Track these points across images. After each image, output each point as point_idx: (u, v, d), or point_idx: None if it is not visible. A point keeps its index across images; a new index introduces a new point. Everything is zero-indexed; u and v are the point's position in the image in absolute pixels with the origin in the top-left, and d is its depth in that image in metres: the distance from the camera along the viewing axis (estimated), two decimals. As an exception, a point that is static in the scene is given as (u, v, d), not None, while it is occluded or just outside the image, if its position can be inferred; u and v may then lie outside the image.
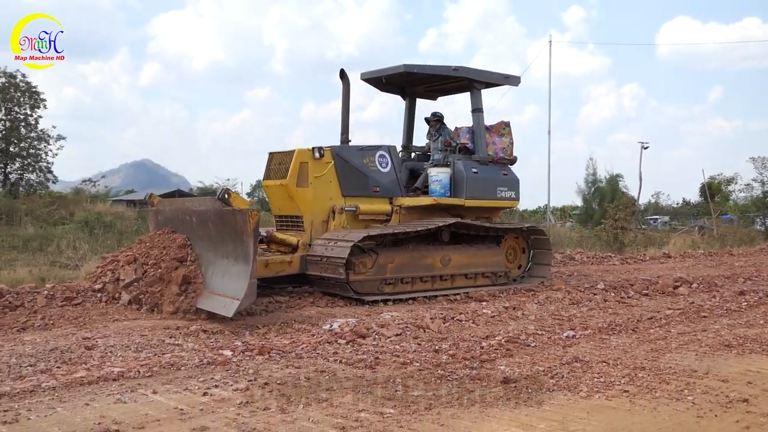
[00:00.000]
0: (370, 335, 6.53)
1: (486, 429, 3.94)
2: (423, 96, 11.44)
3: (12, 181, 37.65)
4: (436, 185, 9.44)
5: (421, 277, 8.96)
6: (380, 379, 5.03)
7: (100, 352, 5.76)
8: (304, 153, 8.67)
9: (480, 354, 5.86)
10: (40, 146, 38.65)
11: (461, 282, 9.46)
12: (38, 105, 38.57)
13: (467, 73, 9.91)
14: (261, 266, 7.92)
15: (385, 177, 9.42)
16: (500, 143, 10.23)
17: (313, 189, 8.72)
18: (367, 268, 8.37)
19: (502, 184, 10.09)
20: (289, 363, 5.53)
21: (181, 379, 4.98)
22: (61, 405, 4.33)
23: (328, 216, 8.89)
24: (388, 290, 8.62)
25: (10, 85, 37.82)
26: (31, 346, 5.85)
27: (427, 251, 9.09)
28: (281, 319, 7.28)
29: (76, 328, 6.68)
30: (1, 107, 38.16)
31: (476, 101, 10.02)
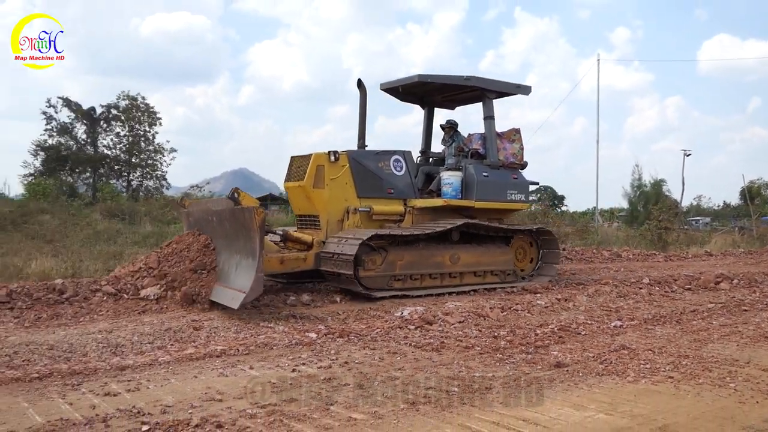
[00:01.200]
0: (436, 322, 6.49)
1: (541, 408, 3.86)
2: (441, 105, 10.94)
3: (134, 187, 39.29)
4: (447, 188, 9.06)
5: (431, 274, 8.52)
6: (445, 361, 4.99)
7: (206, 332, 5.93)
8: (320, 156, 8.33)
9: (535, 340, 5.75)
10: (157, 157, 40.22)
11: (470, 279, 8.91)
12: (155, 122, 40.12)
13: (479, 82, 9.43)
14: (277, 263, 7.76)
15: (399, 180, 9.00)
16: (511, 149, 9.73)
17: (329, 190, 8.37)
18: (377, 265, 7.98)
19: (513, 188, 9.59)
20: (366, 345, 5.55)
21: (273, 357, 5.08)
22: (174, 377, 4.47)
23: (343, 216, 8.51)
24: (397, 286, 8.17)
25: (132, 107, 39.45)
26: (149, 327, 6.07)
27: (436, 249, 8.63)
28: (357, 307, 7.32)
29: (186, 311, 6.89)
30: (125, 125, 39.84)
31: (488, 109, 9.50)
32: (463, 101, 10.77)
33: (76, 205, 24.64)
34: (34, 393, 4.03)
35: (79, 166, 38.42)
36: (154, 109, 40.02)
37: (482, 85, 9.43)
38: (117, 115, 39.59)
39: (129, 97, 39.40)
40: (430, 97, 10.55)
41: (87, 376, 4.44)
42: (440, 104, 10.86)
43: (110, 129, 40.03)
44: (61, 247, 13.26)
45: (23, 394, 4.01)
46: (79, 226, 17.59)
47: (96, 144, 39.47)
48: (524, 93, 10.08)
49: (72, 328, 6.05)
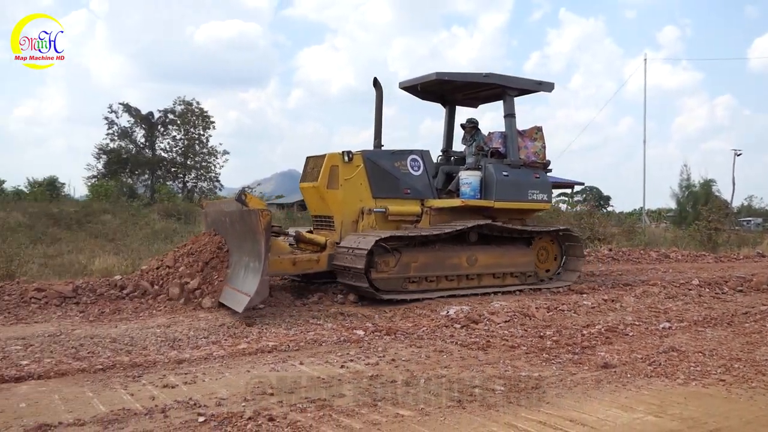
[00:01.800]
0: (481, 321, 6.44)
1: (588, 409, 3.78)
2: (462, 104, 10.45)
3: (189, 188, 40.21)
4: (466, 187, 8.65)
5: (447, 276, 8.14)
6: (491, 360, 4.95)
7: (258, 328, 6.02)
8: (334, 157, 8.06)
9: (581, 341, 5.64)
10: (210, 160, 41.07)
11: (489, 281, 8.52)
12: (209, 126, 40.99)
13: (498, 79, 8.97)
14: (289, 264, 7.57)
15: (416, 180, 8.65)
16: (532, 147, 9.29)
17: (343, 191, 8.08)
18: (390, 266, 7.63)
19: (534, 187, 9.10)
20: (412, 343, 5.55)
21: (322, 353, 5.12)
22: (228, 370, 4.56)
23: (357, 217, 8.20)
24: (412, 288, 7.83)
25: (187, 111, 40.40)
26: (204, 322, 6.20)
27: (453, 251, 8.23)
28: (404, 306, 7.32)
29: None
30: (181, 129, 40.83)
31: (508, 107, 9.07)
32: (484, 99, 10.33)
33: (135, 206, 25.39)
34: (98, 383, 4.17)
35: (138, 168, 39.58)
36: (208, 113, 40.92)
37: (502, 82, 9.01)
38: (173, 120, 40.61)
39: (184, 102, 40.40)
40: (450, 96, 10.16)
41: (147, 368, 4.57)
42: (461, 102, 10.44)
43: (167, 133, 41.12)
44: (122, 245, 13.67)
45: (88, 384, 4.15)
46: (138, 226, 18.10)
47: (154, 147, 40.59)
48: (547, 90, 9.57)
49: (132, 322, 6.23)
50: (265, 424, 3.40)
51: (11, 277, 8.28)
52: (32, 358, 4.74)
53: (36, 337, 5.46)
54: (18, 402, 3.75)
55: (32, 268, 9.46)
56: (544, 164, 9.40)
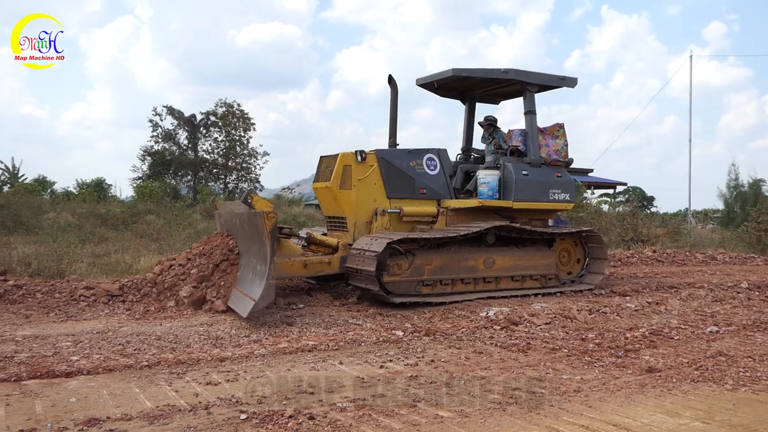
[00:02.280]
0: (522, 323, 6.37)
1: (632, 413, 3.71)
2: (483, 100, 10.14)
3: (230, 189, 40.86)
4: (483, 187, 8.33)
5: (462, 279, 7.86)
6: (532, 362, 4.89)
7: (298, 328, 6.08)
8: (347, 156, 7.87)
9: (625, 344, 5.52)
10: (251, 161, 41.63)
11: (507, 284, 8.21)
12: (249, 128, 41.53)
13: (518, 75, 8.61)
14: (300, 266, 7.37)
15: (433, 179, 8.40)
16: (554, 145, 8.92)
17: (357, 191, 7.89)
18: (403, 269, 7.39)
19: (555, 186, 8.72)
20: (452, 344, 5.52)
21: (361, 353, 5.14)
22: (269, 369, 4.62)
23: (371, 217, 8.00)
24: (426, 291, 7.57)
25: (228, 113, 41.05)
26: (246, 321, 6.28)
27: (469, 253, 7.93)
28: (443, 307, 7.29)
29: (278, 309, 7.09)
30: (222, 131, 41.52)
31: (528, 103, 8.73)
32: (506, 96, 10.02)
33: (178, 206, 25.92)
34: (144, 380, 4.28)
35: (181, 169, 40.34)
36: (248, 115, 41.44)
37: (522, 78, 8.66)
38: (215, 122, 41.27)
39: (226, 104, 41.01)
40: (470, 92, 9.84)
41: (191, 365, 4.66)
42: (482, 99, 10.12)
43: (209, 135, 41.82)
44: (166, 245, 13.96)
45: (135, 380, 4.26)
46: (182, 226, 18.46)
47: (196, 149, 41.32)
48: (569, 86, 9.15)
49: (176, 320, 6.36)
50: (305, 423, 3.43)
51: (61, 276, 8.56)
52: (81, 354, 4.89)
53: (85, 333, 5.63)
54: (68, 396, 3.87)
55: (81, 267, 9.75)
56: (566, 162, 9.05)
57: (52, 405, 3.71)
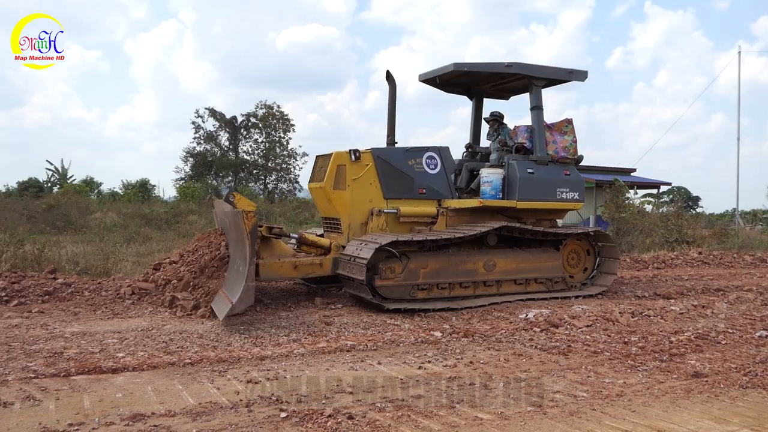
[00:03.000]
0: (562, 325, 6.27)
1: (677, 419, 3.61)
2: (491, 96, 9.73)
3: (270, 189, 41.36)
4: (486, 186, 7.96)
5: (461, 282, 7.45)
6: (573, 365, 4.81)
7: (337, 327, 6.12)
8: (341, 156, 7.62)
9: (669, 348, 5.39)
10: (290, 162, 42.08)
11: (510, 288, 7.77)
12: (289, 129, 42.00)
13: (522, 69, 8.17)
14: (290, 268, 7.13)
15: (433, 179, 8.07)
16: (562, 142, 8.46)
17: (351, 191, 7.60)
18: (396, 273, 7.03)
19: (563, 185, 8.28)
20: (490, 346, 5.48)
21: (400, 354, 5.14)
22: (308, 368, 4.66)
23: (367, 218, 7.71)
24: (421, 296, 7.19)
25: (268, 115, 41.58)
26: (285, 321, 6.36)
27: (468, 255, 7.52)
28: (481, 308, 7.23)
29: (316, 308, 7.14)
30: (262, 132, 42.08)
31: (535, 98, 8.30)
32: (514, 91, 9.55)
33: (219, 207, 26.27)
34: (187, 377, 4.36)
35: (222, 170, 41.03)
36: (288, 117, 41.94)
37: (527, 72, 8.23)
38: (255, 123, 41.87)
39: (266, 106, 41.58)
40: (477, 87, 9.47)
41: (232, 363, 4.74)
42: (490, 94, 9.71)
43: (249, 136, 42.45)
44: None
45: (178, 377, 4.35)
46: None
47: (237, 150, 41.98)
48: (579, 79, 8.67)
49: (218, 319, 6.46)
50: (344, 422, 3.45)
51: (107, 274, 8.79)
52: (127, 351, 5.01)
53: (130, 331, 5.77)
54: (115, 392, 3.97)
55: (126, 266, 10.00)
56: (575, 160, 8.59)
57: (99, 400, 3.82)
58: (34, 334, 5.55)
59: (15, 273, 8.06)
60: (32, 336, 5.49)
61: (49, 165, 37.03)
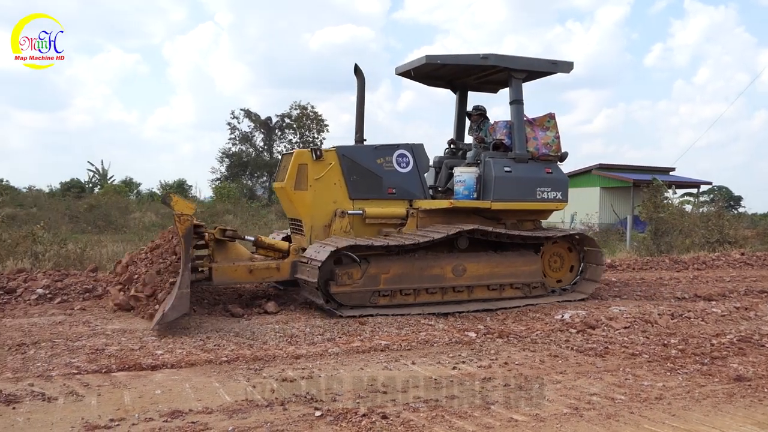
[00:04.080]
0: (599, 326, 6.17)
1: (719, 424, 3.52)
2: (477, 89, 9.15)
3: (304, 189, 41.58)
4: (459, 186, 7.50)
5: (427, 288, 7.00)
6: (610, 367, 4.73)
7: (371, 327, 6.12)
8: (303, 154, 7.25)
9: (710, 351, 5.26)
10: (324, 162, 42.28)
11: (482, 294, 7.25)
12: (323, 129, 42.29)
13: (500, 60, 7.62)
14: (245, 272, 6.79)
15: (404, 178, 7.57)
16: (543, 138, 7.86)
17: (313, 191, 7.19)
18: (354, 279, 6.64)
19: (544, 184, 7.70)
20: (525, 347, 5.43)
21: (434, 354, 5.13)
22: (343, 367, 4.68)
23: (330, 220, 7.27)
24: (383, 302, 6.78)
25: (302, 115, 41.92)
26: (320, 320, 6.39)
27: (435, 260, 7.04)
28: (516, 309, 7.17)
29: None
30: (296, 132, 42.46)
31: (514, 92, 7.73)
32: (501, 84, 8.87)
33: (254, 207, 26.68)
34: (224, 374, 4.42)
35: (257, 170, 41.54)
36: (321, 117, 42.25)
37: (505, 63, 7.67)
38: (290, 124, 42.30)
39: (300, 106, 41.97)
40: (460, 80, 8.89)
41: (267, 362, 4.79)
42: (475, 88, 9.12)
43: (284, 136, 42.90)
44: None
45: (215, 375, 4.41)
46: (258, 225, 18.99)
47: (272, 150, 42.46)
48: (564, 71, 8.05)
49: (253, 318, 6.53)
50: (378, 422, 3.45)
51: (147, 273, 8.96)
52: (165, 349, 5.11)
53: (168, 329, 5.87)
54: (154, 389, 4.06)
55: (164, 265, 10.17)
56: (558, 157, 8.00)
57: (139, 396, 3.90)
58: (77, 331, 5.70)
59: (58, 271, 8.30)
60: (75, 333, 5.64)
61: (90, 166, 38.06)
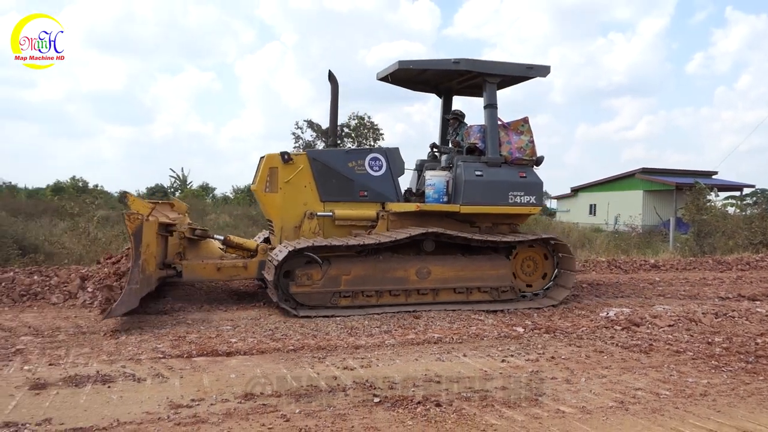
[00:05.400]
0: (643, 324, 5.96)
1: (764, 421, 3.35)
2: (462, 93, 8.63)
3: (361, 193, 41.86)
4: (429, 189, 7.14)
5: (390, 290, 6.60)
6: (654, 364, 4.57)
7: (424, 321, 6.10)
8: (273, 158, 7.01)
9: (755, 349, 5.01)
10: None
11: (448, 297, 6.79)
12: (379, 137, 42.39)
13: (472, 65, 7.15)
14: (213, 270, 6.61)
15: (376, 181, 7.24)
16: (517, 142, 7.34)
17: (283, 194, 6.98)
18: (314, 280, 6.32)
19: (517, 188, 7.16)
20: (572, 342, 5.30)
21: (484, 347, 5.07)
22: (399, 358, 4.68)
23: (300, 222, 7.01)
24: (344, 303, 6.43)
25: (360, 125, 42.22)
26: (377, 314, 6.41)
27: (398, 262, 6.63)
28: (563, 306, 7.01)
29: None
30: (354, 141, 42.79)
31: (488, 96, 7.25)
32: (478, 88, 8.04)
33: (317, 209, 26.90)
34: (290, 362, 4.49)
35: (319, 176, 42.03)
36: (378, 126, 42.39)
37: (477, 68, 7.20)
38: (348, 133, 42.64)
39: (358, 117, 42.22)
40: (444, 85, 8.42)
41: (329, 351, 4.84)
42: (460, 92, 8.60)
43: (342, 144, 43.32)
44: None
45: (282, 362, 4.49)
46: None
47: (332, 158, 42.91)
48: (541, 75, 7.51)
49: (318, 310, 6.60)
50: (432, 409, 3.44)
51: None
52: (239, 337, 5.23)
53: (241, 319, 6.02)
54: (229, 373, 4.16)
55: (237, 262, 10.43)
56: (533, 161, 7.42)
57: (216, 379, 4.01)
58: (162, 320, 5.91)
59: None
60: (160, 321, 5.85)
61: (171, 173, 39.33)
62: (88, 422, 3.19)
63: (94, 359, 4.44)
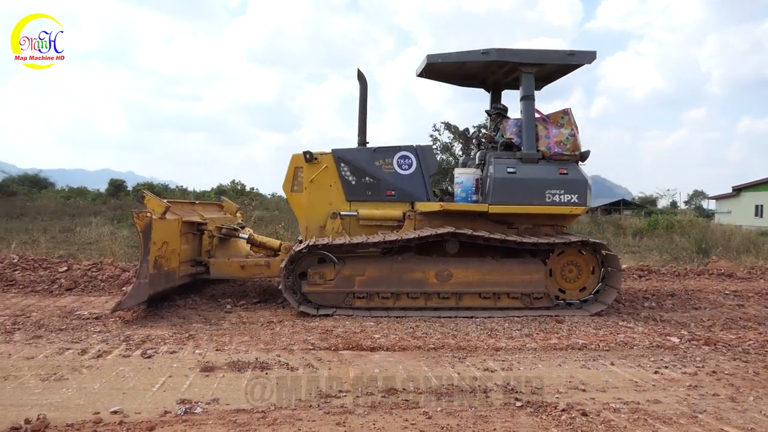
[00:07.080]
0: (826, 341, 5.21)
1: None
2: (512, 87, 7.77)
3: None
4: (457, 188, 6.76)
5: (408, 293, 6.28)
6: (842, 387, 3.97)
7: (567, 326, 5.84)
8: (299, 158, 6.89)
9: None
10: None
11: (473, 302, 6.35)
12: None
13: (503, 55, 6.62)
14: (237, 268, 6.75)
15: (405, 180, 6.89)
16: (557, 136, 6.67)
17: (308, 193, 6.88)
18: (326, 279, 6.18)
19: (556, 186, 6.51)
20: (736, 356, 4.77)
21: (633, 357, 4.74)
22: (541, 362, 4.52)
23: (325, 221, 6.88)
24: (359, 304, 6.22)
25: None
26: (517, 316, 6.25)
27: (417, 264, 6.32)
28: (724, 316, 6.34)
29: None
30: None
31: (525, 87, 6.69)
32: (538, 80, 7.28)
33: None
34: (431, 360, 4.53)
35: (456, 177, 42.05)
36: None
37: (508, 57, 6.67)
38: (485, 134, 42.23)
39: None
40: (490, 78, 7.79)
41: (469, 352, 4.80)
42: (509, 85, 7.85)
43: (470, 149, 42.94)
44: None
45: (423, 360, 4.54)
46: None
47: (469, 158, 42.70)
48: (585, 61, 6.77)
49: (456, 310, 6.58)
50: (578, 418, 3.28)
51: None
52: (381, 334, 5.38)
53: (382, 317, 6.18)
54: (373, 367, 4.29)
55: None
56: (576, 156, 6.74)
57: (361, 373, 4.16)
58: (310, 315, 6.25)
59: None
60: (308, 315, 6.19)
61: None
62: (249, 405, 3.47)
63: (253, 347, 4.81)
